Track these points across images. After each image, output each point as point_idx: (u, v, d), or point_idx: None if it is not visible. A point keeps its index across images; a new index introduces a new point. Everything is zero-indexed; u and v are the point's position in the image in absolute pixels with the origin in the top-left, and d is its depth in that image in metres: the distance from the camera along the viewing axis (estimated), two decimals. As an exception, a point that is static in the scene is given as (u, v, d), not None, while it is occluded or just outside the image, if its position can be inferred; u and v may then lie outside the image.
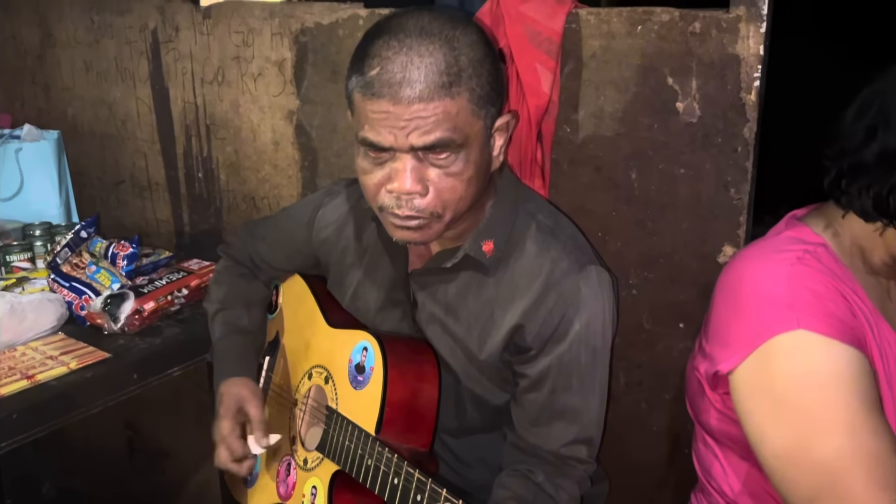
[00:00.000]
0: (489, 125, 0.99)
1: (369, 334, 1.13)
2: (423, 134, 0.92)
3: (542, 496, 1.06)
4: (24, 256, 1.74)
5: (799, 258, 0.95)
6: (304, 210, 1.31)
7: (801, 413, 0.89)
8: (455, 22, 0.96)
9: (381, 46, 0.93)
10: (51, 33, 2.09)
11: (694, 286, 1.29)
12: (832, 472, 0.87)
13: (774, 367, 0.91)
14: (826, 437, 0.88)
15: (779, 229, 1.05)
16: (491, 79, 0.97)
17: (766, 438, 0.92)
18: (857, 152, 0.93)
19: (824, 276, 0.93)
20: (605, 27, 1.27)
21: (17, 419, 1.24)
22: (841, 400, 0.87)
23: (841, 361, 0.89)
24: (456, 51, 0.93)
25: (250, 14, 1.69)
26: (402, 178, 0.95)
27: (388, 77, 0.92)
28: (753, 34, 1.16)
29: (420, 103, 0.91)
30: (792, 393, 0.90)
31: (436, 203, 0.98)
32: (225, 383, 1.25)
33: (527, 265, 1.08)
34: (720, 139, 1.22)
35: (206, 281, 1.65)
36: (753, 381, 0.93)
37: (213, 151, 1.86)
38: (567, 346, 1.06)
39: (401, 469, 1.01)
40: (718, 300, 1.03)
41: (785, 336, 0.90)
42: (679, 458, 1.38)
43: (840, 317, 0.91)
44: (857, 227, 0.98)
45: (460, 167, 0.96)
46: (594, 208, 1.35)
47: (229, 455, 1.19)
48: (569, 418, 1.08)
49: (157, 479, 2.31)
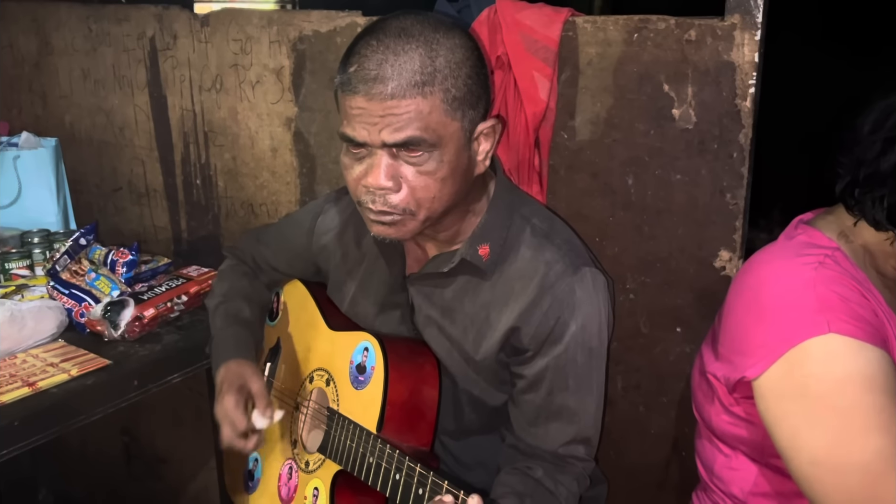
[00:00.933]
0: (468, 128, 1.01)
1: (370, 335, 1.14)
2: (395, 131, 0.95)
3: (541, 490, 1.07)
4: (22, 264, 1.75)
5: (821, 262, 0.96)
6: (305, 217, 1.32)
7: (838, 415, 0.90)
8: (439, 26, 0.98)
9: (362, 45, 0.97)
10: (48, 41, 2.09)
11: (691, 291, 1.31)
12: (872, 472, 0.87)
13: (807, 371, 0.91)
14: (865, 438, 0.88)
15: (790, 234, 1.05)
16: (470, 82, 0.98)
17: (802, 443, 0.92)
18: (873, 163, 0.95)
19: (847, 280, 0.95)
20: (602, 35, 1.28)
21: (19, 426, 1.24)
22: (876, 401, 0.88)
23: (872, 363, 0.89)
24: (433, 52, 0.95)
25: (248, 22, 1.70)
26: (376, 173, 0.98)
27: (364, 74, 0.94)
28: (748, 42, 1.17)
29: (392, 100, 0.94)
30: (827, 396, 0.90)
31: (408, 200, 1.00)
32: (225, 365, 1.23)
33: (522, 268, 1.09)
34: (716, 145, 1.23)
35: (205, 287, 1.65)
36: (783, 387, 0.94)
37: (210, 158, 1.87)
38: (563, 348, 1.07)
39: (402, 465, 1.02)
40: (736, 305, 1.03)
41: (816, 340, 0.90)
42: (677, 460, 1.40)
43: (867, 319, 0.92)
44: (869, 234, 1.00)
45: (433, 166, 0.98)
46: (591, 214, 1.36)
47: (233, 431, 1.16)
48: (566, 419, 1.09)
49: (155, 486, 2.31)
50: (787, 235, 1.06)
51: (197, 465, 2.15)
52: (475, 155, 1.04)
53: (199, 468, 2.14)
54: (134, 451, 2.35)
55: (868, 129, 0.96)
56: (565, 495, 1.08)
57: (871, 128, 0.96)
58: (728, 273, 1.27)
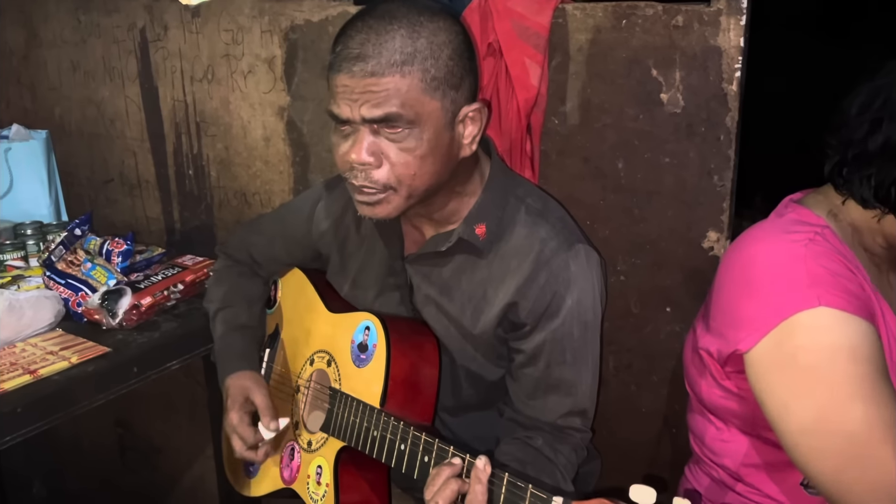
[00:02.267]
0: (450, 108, 1.03)
1: (371, 314, 1.17)
2: (373, 107, 0.98)
3: (541, 458, 1.10)
4: (16, 255, 1.75)
5: (811, 238, 0.99)
6: (304, 204, 1.34)
7: (826, 385, 0.92)
8: (424, 10, 1.01)
9: (349, 27, 1.01)
10: (36, 33, 2.09)
11: (680, 271, 1.34)
12: (860, 440, 0.90)
13: (797, 342, 0.94)
14: (852, 406, 0.91)
15: (780, 212, 1.08)
16: (451, 63, 1.01)
17: (791, 413, 0.95)
18: (860, 143, 0.98)
19: (835, 256, 0.98)
20: (591, 21, 1.31)
21: (22, 413, 1.25)
22: (862, 371, 0.91)
23: (859, 334, 0.93)
24: (415, 34, 0.99)
25: (240, 12, 1.71)
26: (358, 148, 1.02)
27: (347, 52, 0.99)
28: (734, 27, 1.20)
29: (371, 78, 0.97)
30: (815, 367, 0.93)
31: (389, 176, 1.03)
32: (229, 378, 1.29)
33: (517, 245, 1.13)
34: (703, 128, 1.26)
35: (200, 276, 1.67)
36: (773, 358, 0.96)
37: (203, 149, 1.88)
38: (560, 322, 1.10)
39: (407, 434, 1.05)
40: (726, 280, 1.06)
41: (806, 313, 0.93)
42: (668, 437, 1.43)
43: (855, 293, 0.95)
44: (856, 212, 1.03)
45: (413, 143, 1.01)
46: (583, 197, 1.39)
47: (243, 444, 1.23)
48: (564, 391, 1.12)
49: (151, 476, 2.32)
50: (778, 213, 1.08)
51: (193, 454, 2.16)
52: (459, 137, 1.07)
53: (196, 457, 2.16)
54: (128, 443, 2.36)
55: (855, 110, 0.99)
56: (564, 463, 1.11)
57: (859, 109, 0.99)
58: (716, 253, 1.30)
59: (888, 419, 0.90)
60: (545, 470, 1.09)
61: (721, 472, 1.14)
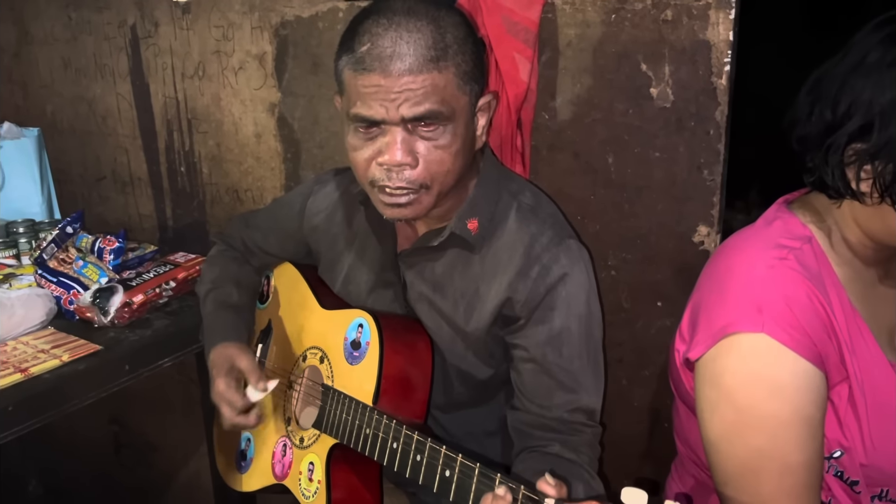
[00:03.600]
0: (473, 102, 1.05)
1: (364, 312, 1.17)
2: (413, 105, 0.97)
3: (564, 462, 1.08)
4: (8, 254, 1.75)
5: (782, 259, 0.96)
6: (296, 199, 1.34)
7: (735, 410, 0.94)
8: (439, 5, 1.02)
9: (371, 24, 0.99)
10: (27, 31, 2.09)
11: (670, 265, 1.34)
12: (746, 468, 0.94)
13: (727, 362, 0.95)
14: (749, 436, 0.94)
15: (768, 218, 1.05)
16: (475, 57, 1.03)
17: (704, 424, 0.99)
18: (804, 126, 0.96)
19: (804, 283, 0.95)
20: (580, 16, 1.31)
21: (13, 411, 1.25)
22: (774, 408, 0.92)
23: (788, 373, 0.92)
24: (442, 29, 0.98)
25: (230, 8, 1.71)
26: (393, 150, 1.00)
27: (379, 52, 0.97)
28: (723, 21, 1.20)
29: (410, 76, 0.96)
30: (733, 391, 0.94)
31: (425, 175, 1.02)
32: (213, 351, 1.26)
33: (509, 241, 1.13)
34: (693, 123, 1.26)
35: (192, 273, 1.67)
36: (709, 370, 0.98)
37: (195, 145, 1.88)
38: (554, 315, 1.10)
39: (399, 433, 1.05)
40: (705, 287, 1.05)
41: (746, 336, 0.93)
42: (659, 431, 1.44)
43: (807, 330, 0.93)
44: (838, 213, 1.00)
45: (448, 140, 1.01)
46: (573, 192, 1.39)
47: (231, 410, 1.19)
48: (567, 387, 1.11)
49: (146, 474, 2.33)
50: (766, 220, 1.06)
51: (188, 451, 2.17)
52: (476, 129, 1.08)
53: (191, 454, 2.16)
54: (123, 440, 2.37)
55: (801, 97, 0.98)
56: (587, 462, 1.10)
57: (803, 96, 0.98)
58: (706, 248, 1.30)
59: (784, 460, 0.92)
60: (571, 472, 1.06)
61: (705, 471, 1.14)
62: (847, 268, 1.01)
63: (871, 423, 0.96)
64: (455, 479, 0.96)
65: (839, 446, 0.98)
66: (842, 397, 0.97)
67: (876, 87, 0.89)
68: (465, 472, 0.95)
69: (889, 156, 0.89)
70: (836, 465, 0.99)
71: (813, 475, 0.93)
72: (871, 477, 0.99)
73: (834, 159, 0.93)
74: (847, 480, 1.00)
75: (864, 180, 0.92)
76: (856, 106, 0.90)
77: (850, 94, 0.91)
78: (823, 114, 0.94)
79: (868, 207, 0.94)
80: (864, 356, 0.97)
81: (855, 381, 0.96)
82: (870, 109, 0.89)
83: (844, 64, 0.93)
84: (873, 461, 0.97)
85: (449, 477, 0.97)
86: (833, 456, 0.99)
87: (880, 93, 0.88)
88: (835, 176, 0.94)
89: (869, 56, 0.90)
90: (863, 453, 0.97)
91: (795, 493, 0.93)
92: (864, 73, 0.90)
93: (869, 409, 0.96)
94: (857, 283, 1.01)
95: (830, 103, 0.93)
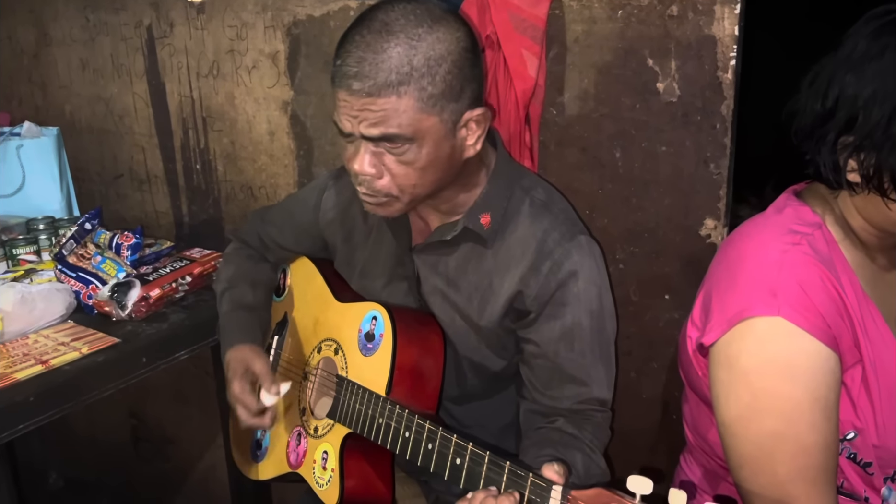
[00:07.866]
0: (449, 119, 1.03)
1: (378, 305, 1.19)
2: (370, 126, 1.00)
3: (566, 436, 1.11)
4: (29, 249, 1.79)
5: (795, 244, 0.97)
6: (310, 194, 1.37)
7: (750, 393, 0.95)
8: (424, 19, 0.99)
9: (348, 39, 1.01)
10: (46, 32, 2.13)
11: (678, 259, 1.36)
12: (762, 450, 0.95)
13: (743, 345, 0.96)
14: (764, 419, 0.94)
15: (778, 206, 1.06)
16: (450, 78, 1.00)
17: (720, 407, 1.00)
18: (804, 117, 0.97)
19: (817, 267, 0.96)
20: (587, 13, 1.32)
21: (35, 402, 1.29)
22: (790, 390, 0.93)
23: (803, 355, 0.93)
24: (413, 50, 0.97)
25: (243, 8, 1.74)
26: (360, 160, 1.04)
27: (346, 70, 0.99)
28: (728, 15, 1.22)
29: (368, 98, 0.98)
30: (749, 373, 0.95)
31: (391, 186, 1.06)
32: (229, 353, 1.31)
33: (521, 236, 1.14)
34: (699, 117, 1.27)
35: (208, 269, 1.70)
36: (724, 354, 0.98)
37: (209, 143, 1.91)
38: (566, 311, 1.12)
39: (412, 423, 1.07)
40: (716, 274, 1.06)
41: (762, 319, 0.94)
42: (668, 423, 1.45)
43: (822, 313, 0.94)
44: (838, 200, 1.01)
45: (412, 157, 1.03)
46: (581, 187, 1.41)
47: (247, 412, 1.25)
48: (578, 380, 1.13)
49: (164, 466, 2.36)
50: (777, 208, 1.07)
51: (204, 444, 2.20)
52: (462, 142, 1.07)
53: (207, 447, 2.20)
54: (142, 434, 2.40)
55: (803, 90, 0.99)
56: (589, 438, 1.12)
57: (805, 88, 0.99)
58: (713, 241, 1.31)
59: (799, 441, 0.93)
60: (571, 445, 1.09)
61: (714, 461, 1.15)
62: (857, 253, 1.02)
63: (884, 405, 0.98)
64: (465, 467, 0.98)
65: (853, 427, 0.99)
66: (855, 379, 0.98)
67: (859, 80, 0.91)
68: (475, 460, 0.97)
69: (871, 147, 0.91)
70: (850, 448, 1.00)
71: (828, 457, 0.94)
72: (882, 458, 1.00)
73: (825, 151, 0.95)
74: (860, 462, 1.01)
75: (853, 171, 0.94)
76: (842, 99, 0.92)
77: (838, 88, 0.93)
78: (815, 107, 0.96)
79: (864, 197, 0.96)
80: (876, 339, 0.99)
81: (868, 363, 0.98)
82: (854, 103, 0.91)
83: (836, 57, 0.94)
84: (885, 442, 0.99)
85: (459, 465, 0.99)
86: (846, 438, 1.00)
87: (863, 86, 0.90)
88: (828, 167, 0.96)
89: (856, 50, 0.92)
90: (875, 434, 0.99)
91: (811, 474, 0.93)
92: (850, 66, 0.92)
93: (882, 390, 0.98)
94: (867, 269, 1.03)
95: (821, 96, 0.95)
